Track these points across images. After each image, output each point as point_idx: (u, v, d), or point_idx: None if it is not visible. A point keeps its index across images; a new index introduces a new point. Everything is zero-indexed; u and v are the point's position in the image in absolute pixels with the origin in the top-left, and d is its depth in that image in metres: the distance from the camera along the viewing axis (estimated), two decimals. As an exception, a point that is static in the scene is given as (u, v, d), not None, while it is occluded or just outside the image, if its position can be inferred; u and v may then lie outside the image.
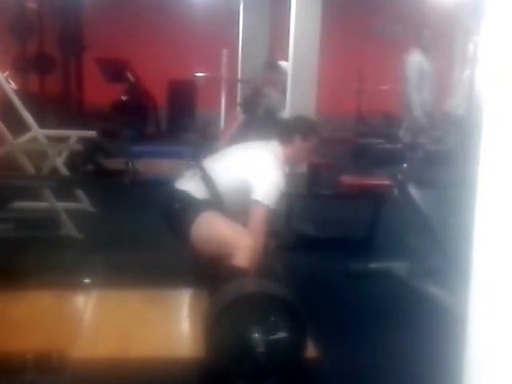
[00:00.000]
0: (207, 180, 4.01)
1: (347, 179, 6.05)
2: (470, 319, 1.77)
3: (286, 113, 9.42)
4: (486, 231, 1.70)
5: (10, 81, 10.15)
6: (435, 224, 4.73)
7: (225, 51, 11.70)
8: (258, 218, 3.84)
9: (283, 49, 9.64)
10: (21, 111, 6.59)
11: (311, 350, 3.69)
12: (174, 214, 4.05)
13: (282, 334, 3.39)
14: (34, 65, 12.16)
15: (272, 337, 3.38)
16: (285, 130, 4.29)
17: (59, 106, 12.02)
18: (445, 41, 11.25)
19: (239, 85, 11.35)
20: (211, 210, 3.94)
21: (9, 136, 6.05)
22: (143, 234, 6.01)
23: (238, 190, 3.95)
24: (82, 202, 6.76)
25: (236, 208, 3.98)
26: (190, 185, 4.06)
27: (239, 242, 3.76)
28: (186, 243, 4.03)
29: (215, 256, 3.96)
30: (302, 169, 7.46)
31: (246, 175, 3.96)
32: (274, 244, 4.53)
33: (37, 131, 6.65)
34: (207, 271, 4.19)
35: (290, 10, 9.25)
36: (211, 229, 3.92)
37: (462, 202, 2.44)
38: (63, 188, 6.11)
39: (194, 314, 4.30)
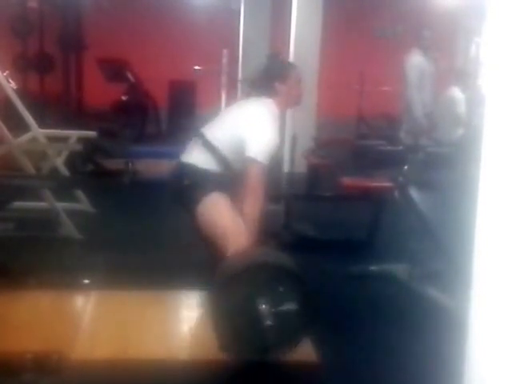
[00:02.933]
0: (209, 147, 3.96)
1: (348, 181, 6.04)
2: (471, 322, 1.76)
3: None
4: (487, 234, 1.69)
5: (10, 80, 10.16)
6: (436, 226, 4.71)
7: (225, 51, 11.71)
8: (253, 175, 3.80)
9: (284, 49, 9.63)
10: (21, 111, 6.57)
11: (311, 354, 3.68)
12: (184, 190, 3.98)
13: (289, 306, 3.41)
14: (34, 64, 12.17)
15: (279, 308, 3.39)
16: (262, 83, 4.19)
17: (59, 106, 12.02)
18: (446, 41, 11.24)
19: (239, 85, 11.35)
20: (219, 186, 3.89)
21: (9, 136, 6.04)
22: (143, 234, 6.00)
23: (236, 149, 3.91)
24: (82, 202, 6.75)
25: (237, 167, 3.95)
26: (195, 157, 4.00)
27: (235, 240, 3.74)
28: (193, 219, 3.98)
29: (214, 242, 3.94)
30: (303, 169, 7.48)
31: (239, 133, 3.91)
32: (274, 245, 4.52)
33: (36, 131, 6.63)
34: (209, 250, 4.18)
35: (291, 10, 9.25)
36: (213, 217, 3.88)
37: (463, 204, 2.42)
38: (63, 188, 6.10)
39: (193, 316, 4.29)
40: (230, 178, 3.96)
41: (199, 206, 3.87)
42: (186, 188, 3.97)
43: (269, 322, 3.36)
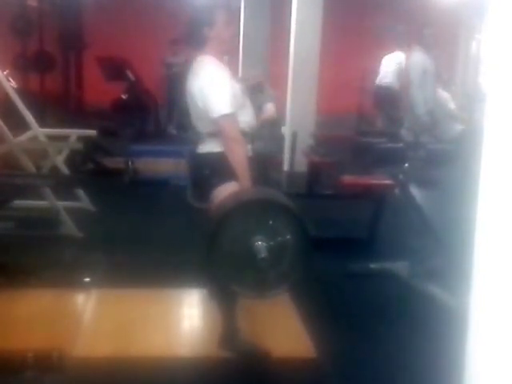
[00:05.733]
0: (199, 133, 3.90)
1: (348, 179, 6.03)
2: (472, 319, 1.76)
3: (287, 112, 9.43)
4: (488, 231, 1.69)
5: (10, 79, 10.16)
6: (436, 224, 4.71)
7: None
8: (225, 128, 3.71)
9: (284, 47, 9.63)
10: (21, 110, 6.57)
11: (311, 350, 3.68)
12: (204, 181, 3.89)
13: (284, 239, 3.41)
14: (34, 63, 12.17)
15: (275, 242, 3.39)
16: (192, 33, 3.95)
17: (59, 105, 12.03)
18: (447, 39, 11.24)
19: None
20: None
21: (9, 135, 6.04)
22: (143, 232, 6.00)
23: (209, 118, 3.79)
24: (82, 200, 6.75)
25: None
26: (207, 146, 3.89)
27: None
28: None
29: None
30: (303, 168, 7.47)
31: (201, 103, 3.78)
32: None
33: (37, 130, 6.63)
34: None
35: (291, 7, 9.24)
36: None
37: (464, 201, 2.42)
38: (63, 187, 6.10)
39: (194, 313, 4.30)
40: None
41: (214, 193, 3.77)
42: (206, 178, 3.87)
43: (264, 255, 3.34)
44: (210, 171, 3.84)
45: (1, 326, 3.87)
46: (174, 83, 11.99)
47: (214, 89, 3.75)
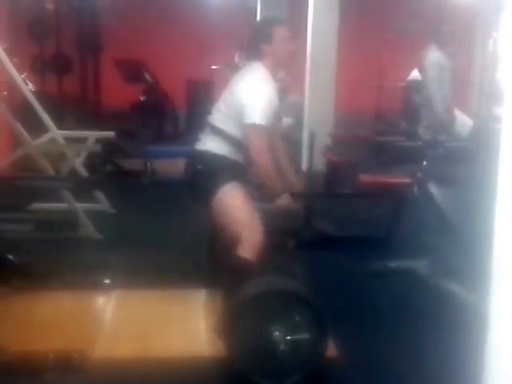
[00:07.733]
0: (216, 131, 3.99)
1: (366, 177, 6.00)
2: (491, 317, 1.75)
3: (305, 110, 9.42)
4: (507, 229, 1.68)
5: (28, 82, 10.20)
6: (455, 222, 4.69)
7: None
8: (255, 140, 3.80)
9: (301, 45, 9.62)
10: (39, 112, 6.60)
11: (332, 350, 3.67)
12: (197, 175, 4.00)
13: (302, 333, 3.39)
14: (51, 66, 12.22)
15: (292, 335, 3.38)
16: (251, 47, 4.08)
17: (77, 107, 12.07)
18: (464, 36, 11.18)
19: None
20: (232, 172, 3.90)
21: (27, 137, 6.07)
22: (162, 234, 6.01)
23: (238, 123, 3.90)
24: (101, 202, 6.78)
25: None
26: (207, 143, 4.01)
27: (249, 235, 3.77)
28: (206, 208, 3.98)
29: (227, 235, 3.98)
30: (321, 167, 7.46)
31: (235, 106, 3.90)
32: (293, 243, 4.51)
33: (55, 132, 6.66)
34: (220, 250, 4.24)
35: (307, 5, 9.23)
36: (228, 210, 3.87)
37: (483, 200, 2.41)
38: (82, 189, 6.13)
39: (212, 314, 4.30)
40: (241, 162, 3.98)
41: (214, 196, 3.86)
42: (198, 173, 3.98)
43: (282, 348, 3.36)
44: (207, 170, 3.93)
45: (22, 328, 3.89)
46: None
47: (257, 96, 3.84)
